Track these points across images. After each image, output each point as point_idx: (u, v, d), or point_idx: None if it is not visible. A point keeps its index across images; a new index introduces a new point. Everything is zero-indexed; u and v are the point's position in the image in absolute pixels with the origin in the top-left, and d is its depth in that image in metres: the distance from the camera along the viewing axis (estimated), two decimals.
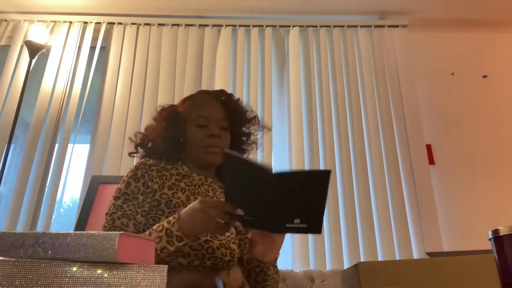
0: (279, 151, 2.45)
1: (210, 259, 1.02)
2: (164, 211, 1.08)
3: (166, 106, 1.37)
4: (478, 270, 0.94)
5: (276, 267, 1.14)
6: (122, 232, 0.53)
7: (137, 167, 1.14)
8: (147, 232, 0.97)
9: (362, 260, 2.19)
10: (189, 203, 1.04)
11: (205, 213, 0.88)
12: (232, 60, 2.64)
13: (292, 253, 2.19)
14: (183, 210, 0.93)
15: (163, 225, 0.94)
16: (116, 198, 1.09)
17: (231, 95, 1.30)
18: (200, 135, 1.19)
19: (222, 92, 1.30)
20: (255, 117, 1.32)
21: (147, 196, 1.09)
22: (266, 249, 1.05)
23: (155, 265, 0.54)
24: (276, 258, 1.11)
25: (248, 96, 2.52)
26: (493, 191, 2.45)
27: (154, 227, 0.96)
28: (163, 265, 0.55)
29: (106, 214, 1.07)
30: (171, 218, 0.94)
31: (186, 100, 1.32)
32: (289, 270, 1.97)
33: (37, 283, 0.50)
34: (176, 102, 2.51)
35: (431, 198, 2.34)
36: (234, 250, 1.09)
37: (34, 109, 2.44)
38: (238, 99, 1.30)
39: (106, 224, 1.05)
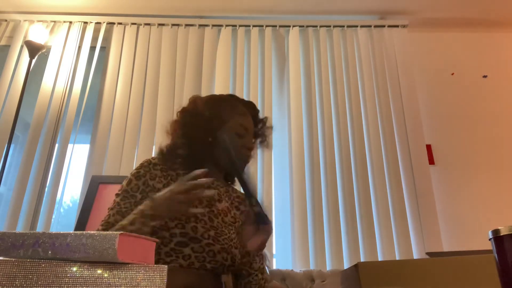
0: (279, 151, 2.45)
1: (211, 262, 1.02)
2: None
3: (195, 100, 1.28)
4: (478, 270, 0.94)
5: (264, 273, 1.14)
6: (121, 232, 0.53)
7: (141, 165, 1.14)
8: (125, 221, 0.97)
9: (362, 260, 2.19)
10: (194, 204, 1.06)
11: (174, 198, 0.93)
12: (232, 60, 2.64)
13: (292, 253, 2.19)
14: (157, 194, 0.97)
15: (139, 209, 0.97)
16: (117, 195, 1.10)
17: (259, 111, 1.32)
18: (239, 145, 1.18)
19: (254, 106, 1.30)
20: (266, 118, 1.34)
21: (146, 194, 1.08)
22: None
23: (155, 265, 0.54)
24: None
25: (248, 96, 2.52)
26: (493, 191, 2.45)
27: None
28: (163, 265, 0.55)
29: (108, 209, 1.09)
30: (147, 201, 0.98)
31: (221, 101, 1.26)
32: (289, 270, 1.97)
33: (37, 283, 0.50)
34: (176, 102, 2.53)
35: (431, 198, 2.34)
36: (235, 255, 1.08)
37: (34, 109, 2.44)
38: (266, 117, 1.33)
39: (103, 219, 1.06)
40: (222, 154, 1.15)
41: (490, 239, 0.67)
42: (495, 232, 0.65)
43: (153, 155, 2.10)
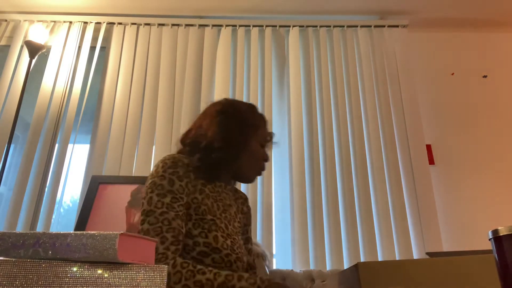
0: (279, 151, 2.45)
1: (226, 270, 1.03)
2: (191, 216, 1.04)
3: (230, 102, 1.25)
4: (478, 270, 0.94)
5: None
6: (122, 232, 0.53)
7: (175, 164, 1.06)
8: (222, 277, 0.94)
9: (362, 260, 2.19)
10: (214, 210, 1.06)
11: None
12: (232, 60, 2.64)
13: (292, 253, 2.19)
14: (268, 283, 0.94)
15: (255, 279, 0.94)
16: (161, 195, 1.01)
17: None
18: (260, 155, 1.19)
19: (266, 120, 1.30)
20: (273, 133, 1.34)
21: (189, 199, 1.05)
22: None
23: (155, 265, 0.54)
24: None
25: (248, 96, 2.52)
26: (493, 191, 2.45)
27: (245, 275, 0.95)
28: (163, 265, 0.55)
29: (149, 211, 0.99)
30: (264, 278, 0.95)
31: (254, 109, 1.25)
32: (289, 270, 1.97)
33: (37, 283, 0.50)
34: (176, 102, 2.53)
35: (431, 198, 2.34)
36: (245, 262, 1.10)
37: (34, 109, 2.44)
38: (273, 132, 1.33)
39: (160, 224, 0.97)
40: (246, 162, 1.15)
41: (489, 239, 0.67)
42: (495, 232, 0.65)
43: (153, 155, 2.10)
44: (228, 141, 1.12)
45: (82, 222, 1.81)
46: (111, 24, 2.69)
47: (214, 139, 1.11)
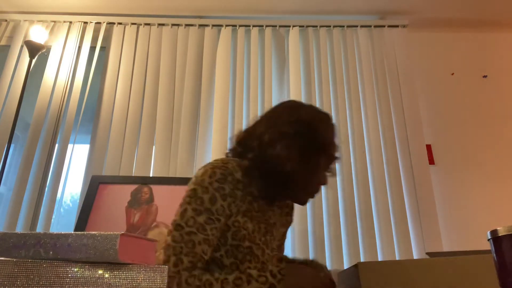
0: None
1: None
2: (227, 240, 0.95)
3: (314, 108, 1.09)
4: (478, 270, 0.94)
5: None
6: (122, 232, 0.54)
7: (224, 179, 0.95)
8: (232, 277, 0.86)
9: (362, 260, 2.19)
10: (254, 235, 0.96)
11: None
12: (232, 60, 2.64)
13: (292, 253, 2.19)
14: (291, 275, 0.88)
15: (266, 277, 0.87)
16: (196, 211, 0.91)
17: None
18: (322, 180, 1.06)
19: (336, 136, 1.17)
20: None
21: (227, 219, 0.95)
22: None
23: (156, 266, 0.54)
24: None
25: (248, 96, 2.52)
26: (493, 191, 2.45)
27: (254, 273, 0.87)
28: (164, 266, 0.55)
29: (177, 225, 0.91)
30: (275, 271, 0.88)
31: (329, 127, 1.08)
32: None
33: (38, 284, 0.50)
34: (176, 102, 2.53)
35: (431, 198, 2.34)
36: None
37: (34, 109, 2.44)
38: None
39: (182, 245, 0.88)
40: (305, 182, 1.02)
41: (488, 240, 0.67)
42: (494, 232, 0.65)
43: (153, 155, 2.05)
44: (302, 166, 0.99)
45: (82, 222, 1.81)
46: (111, 24, 2.69)
47: (287, 160, 0.98)
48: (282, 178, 1.00)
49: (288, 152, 0.98)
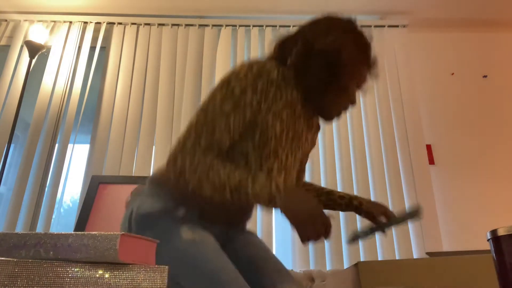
0: None
1: None
2: (254, 137, 0.94)
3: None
4: (478, 270, 0.94)
5: None
6: (123, 233, 0.54)
7: (260, 75, 0.93)
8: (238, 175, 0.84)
9: (362, 260, 2.19)
10: (281, 138, 0.96)
11: (311, 222, 0.83)
12: (232, 60, 2.64)
13: (292, 253, 2.19)
14: (295, 196, 0.85)
15: (270, 187, 0.85)
16: (225, 99, 0.90)
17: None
18: (351, 98, 1.05)
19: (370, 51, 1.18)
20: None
21: (253, 116, 0.93)
22: None
23: (156, 266, 0.54)
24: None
25: None
26: (493, 191, 2.45)
27: (261, 179, 0.85)
28: (164, 266, 0.55)
29: (203, 109, 0.91)
30: (281, 187, 0.84)
31: (364, 46, 1.12)
32: (289, 270, 1.98)
33: (38, 284, 0.50)
34: (176, 102, 2.53)
35: (431, 198, 2.34)
36: None
37: (34, 109, 2.44)
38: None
39: (204, 127, 0.88)
40: (337, 99, 1.02)
41: (488, 240, 0.67)
42: (494, 232, 0.65)
43: (153, 155, 2.04)
44: (327, 83, 1.01)
45: (82, 222, 1.81)
46: (111, 24, 2.69)
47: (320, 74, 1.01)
48: (317, 86, 1.02)
49: (319, 71, 1.02)
